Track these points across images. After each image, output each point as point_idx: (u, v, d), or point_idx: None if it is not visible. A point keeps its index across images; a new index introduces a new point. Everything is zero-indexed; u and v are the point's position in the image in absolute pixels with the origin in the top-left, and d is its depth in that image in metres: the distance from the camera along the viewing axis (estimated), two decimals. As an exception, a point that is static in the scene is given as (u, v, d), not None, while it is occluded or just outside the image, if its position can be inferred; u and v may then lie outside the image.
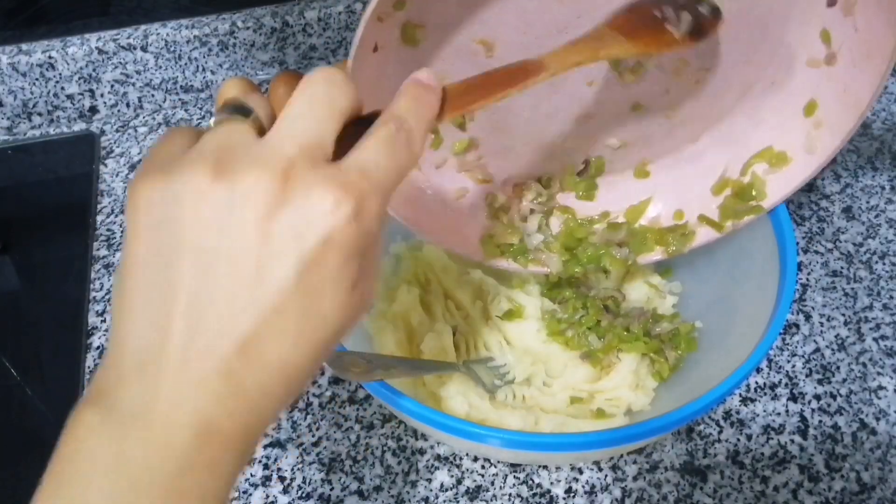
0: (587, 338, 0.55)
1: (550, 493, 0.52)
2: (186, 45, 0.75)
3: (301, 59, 0.79)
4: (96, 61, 0.74)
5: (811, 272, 0.64)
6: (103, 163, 0.75)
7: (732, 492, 0.52)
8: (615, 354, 0.54)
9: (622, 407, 0.53)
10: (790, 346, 0.60)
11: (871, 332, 0.60)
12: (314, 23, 0.76)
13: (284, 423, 0.55)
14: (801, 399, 0.57)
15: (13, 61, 0.73)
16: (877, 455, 0.54)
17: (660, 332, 0.55)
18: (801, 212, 0.69)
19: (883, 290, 0.63)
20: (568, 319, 0.55)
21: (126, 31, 0.75)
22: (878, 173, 0.72)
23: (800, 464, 0.53)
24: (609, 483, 0.52)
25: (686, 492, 0.52)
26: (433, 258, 0.60)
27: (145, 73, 0.77)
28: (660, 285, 0.59)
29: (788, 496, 0.52)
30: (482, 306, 0.58)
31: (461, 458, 0.53)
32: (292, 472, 0.53)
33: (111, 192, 0.72)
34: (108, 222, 0.70)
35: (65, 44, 0.74)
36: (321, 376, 0.58)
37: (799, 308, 0.62)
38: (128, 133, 0.78)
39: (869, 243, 0.66)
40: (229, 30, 0.75)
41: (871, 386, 0.57)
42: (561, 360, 0.55)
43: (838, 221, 0.68)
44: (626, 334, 0.54)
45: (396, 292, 0.58)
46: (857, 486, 0.52)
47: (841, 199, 0.70)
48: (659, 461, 0.53)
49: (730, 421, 0.55)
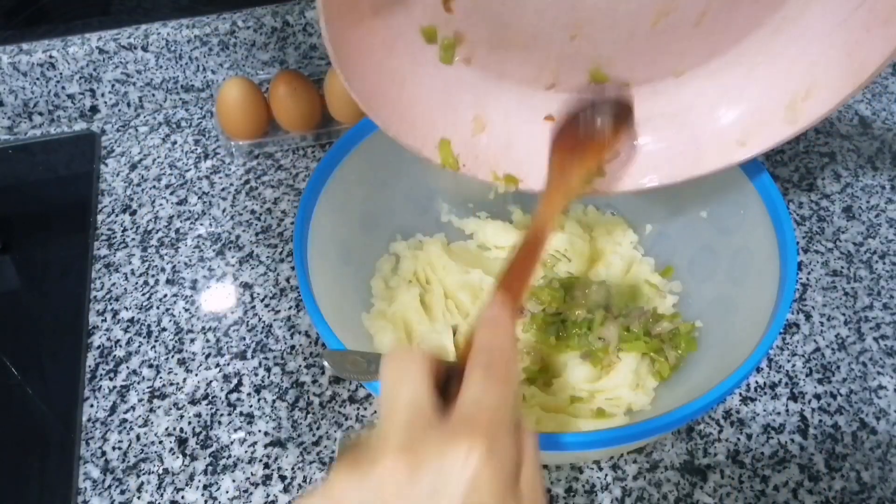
0: (587, 337, 0.55)
1: (551, 493, 0.52)
2: (187, 45, 0.75)
3: (301, 59, 0.79)
4: (97, 61, 0.74)
5: (811, 272, 0.64)
6: (104, 162, 0.75)
7: (733, 491, 0.52)
8: (615, 354, 0.54)
9: (622, 406, 0.53)
10: (790, 345, 0.60)
11: (872, 331, 0.60)
12: (315, 22, 0.76)
13: (285, 423, 0.55)
14: (802, 398, 0.57)
15: (14, 61, 0.73)
16: (877, 454, 0.54)
17: (660, 332, 0.55)
18: (801, 211, 0.69)
19: (883, 289, 0.63)
20: (567, 319, 0.55)
21: (127, 30, 0.75)
22: (879, 173, 0.72)
23: (800, 463, 0.53)
24: (609, 482, 0.52)
25: (686, 491, 0.52)
26: (434, 257, 0.60)
27: (146, 72, 0.77)
28: (660, 285, 0.59)
29: (788, 496, 0.52)
30: (482, 306, 0.57)
31: (461, 458, 0.53)
32: (293, 472, 0.53)
33: (112, 192, 0.72)
34: (108, 222, 0.70)
35: (65, 43, 0.74)
36: (321, 375, 0.58)
37: (799, 307, 0.62)
38: (128, 133, 0.78)
39: (869, 243, 0.66)
40: (230, 29, 0.75)
41: (872, 385, 0.57)
42: (561, 360, 0.55)
43: (838, 221, 0.68)
44: (627, 334, 0.54)
45: (396, 292, 0.58)
46: (857, 486, 0.52)
47: (841, 198, 0.70)
48: (659, 460, 0.53)
49: (730, 420, 0.55)
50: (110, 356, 0.60)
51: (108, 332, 0.62)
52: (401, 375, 0.28)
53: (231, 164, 0.74)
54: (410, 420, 0.27)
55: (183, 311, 0.63)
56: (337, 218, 0.53)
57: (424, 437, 0.26)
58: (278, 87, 0.71)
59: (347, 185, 0.54)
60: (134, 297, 0.64)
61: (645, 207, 0.62)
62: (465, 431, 0.26)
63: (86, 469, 0.54)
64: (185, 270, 0.66)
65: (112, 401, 0.57)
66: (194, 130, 0.78)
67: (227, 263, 0.66)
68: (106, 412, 0.57)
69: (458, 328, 0.57)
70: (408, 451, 0.25)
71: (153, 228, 0.69)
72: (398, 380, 0.28)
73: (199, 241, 0.68)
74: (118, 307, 0.63)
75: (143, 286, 0.65)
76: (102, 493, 0.53)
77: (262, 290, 0.64)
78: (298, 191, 0.71)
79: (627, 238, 0.62)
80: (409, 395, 0.28)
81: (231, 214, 0.70)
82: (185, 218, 0.70)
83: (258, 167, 0.74)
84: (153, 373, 0.59)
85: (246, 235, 0.68)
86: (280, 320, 0.62)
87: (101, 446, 0.55)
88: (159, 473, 0.54)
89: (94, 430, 0.56)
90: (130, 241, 0.68)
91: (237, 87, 0.70)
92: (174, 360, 0.60)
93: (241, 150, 0.74)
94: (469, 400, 0.27)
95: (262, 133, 0.73)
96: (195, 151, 0.76)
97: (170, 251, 0.67)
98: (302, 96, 0.71)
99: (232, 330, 0.61)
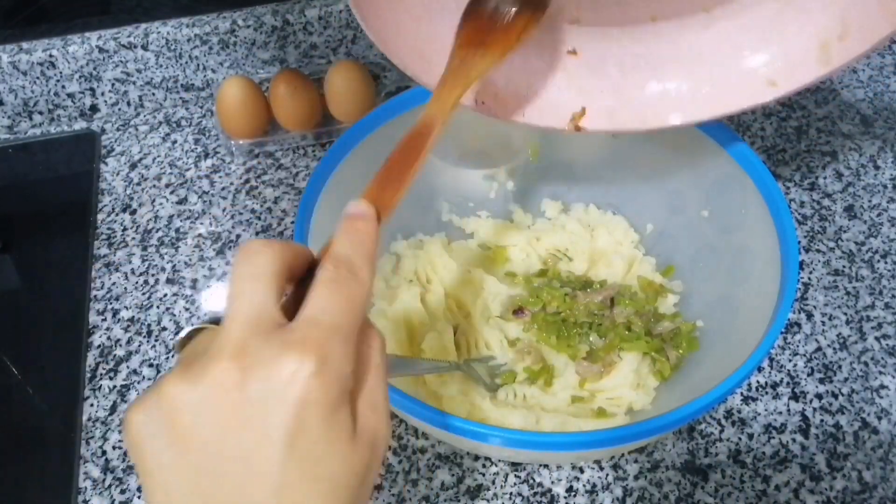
0: (588, 337, 0.55)
1: (551, 492, 0.52)
2: (187, 44, 0.75)
3: (302, 58, 0.79)
4: (97, 60, 0.74)
5: (813, 271, 0.64)
6: (104, 161, 0.75)
7: (734, 491, 0.52)
8: (616, 353, 0.54)
9: (623, 406, 0.53)
10: (792, 345, 0.60)
11: (873, 331, 0.60)
12: (315, 21, 0.76)
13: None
14: (803, 398, 0.56)
15: (14, 60, 0.73)
16: (878, 454, 0.54)
17: (661, 332, 0.55)
18: (802, 210, 0.69)
19: (885, 289, 0.63)
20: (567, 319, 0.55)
21: (127, 29, 0.74)
22: (881, 172, 0.72)
23: (801, 463, 0.53)
24: (610, 482, 0.52)
25: (687, 491, 0.52)
26: (434, 257, 0.60)
27: (146, 71, 0.77)
28: (661, 284, 0.59)
29: (790, 495, 0.52)
30: (483, 305, 0.57)
31: (462, 457, 0.53)
32: (293, 471, 0.53)
33: (112, 191, 0.72)
34: (108, 221, 0.70)
35: (65, 42, 0.74)
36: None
37: (801, 307, 0.62)
38: (128, 132, 0.78)
39: (871, 242, 0.66)
40: (230, 28, 0.75)
41: (873, 385, 0.57)
42: (562, 359, 0.55)
43: (840, 220, 0.68)
44: (628, 333, 0.54)
45: (397, 291, 0.58)
46: (858, 486, 0.52)
47: (843, 197, 0.70)
48: (660, 460, 0.53)
49: (731, 420, 0.55)
50: (110, 355, 0.60)
51: (108, 331, 0.62)
52: (249, 273, 0.27)
53: (231, 163, 0.74)
54: (250, 324, 0.26)
55: (183, 311, 0.63)
56: (337, 217, 0.53)
57: (261, 345, 0.25)
58: (278, 86, 0.71)
59: (348, 185, 0.54)
60: (134, 296, 0.64)
61: (646, 207, 0.62)
62: (298, 345, 0.25)
63: (86, 468, 0.54)
64: (186, 270, 0.66)
65: (112, 400, 0.57)
66: (194, 129, 0.78)
67: (227, 263, 0.66)
68: (106, 411, 0.57)
69: (458, 327, 0.57)
70: (241, 357, 0.25)
71: (153, 228, 0.69)
72: (245, 278, 0.27)
73: (200, 241, 0.68)
74: (118, 306, 0.63)
75: (143, 285, 0.65)
76: (103, 493, 0.53)
77: (262, 290, 0.64)
78: (299, 190, 0.71)
79: (629, 237, 0.62)
80: (253, 296, 0.26)
81: (231, 214, 0.70)
82: (185, 217, 0.70)
83: (258, 166, 0.73)
84: (153, 372, 0.59)
85: (246, 235, 0.68)
86: (280, 320, 0.61)
87: (102, 446, 0.55)
88: (159, 473, 0.53)
89: (94, 429, 0.56)
90: (130, 241, 0.68)
91: (237, 86, 0.70)
92: (175, 360, 0.60)
93: (242, 150, 0.74)
94: (309, 312, 0.27)
95: (262, 132, 0.73)
96: (195, 150, 0.76)
97: (170, 250, 0.67)
98: (302, 95, 0.71)
99: (232, 329, 0.61)
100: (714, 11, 0.47)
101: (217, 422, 0.25)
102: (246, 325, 0.26)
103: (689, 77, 0.49)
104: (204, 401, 0.25)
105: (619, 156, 0.60)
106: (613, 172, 0.62)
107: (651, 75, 0.49)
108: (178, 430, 0.25)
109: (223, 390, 0.25)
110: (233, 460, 0.25)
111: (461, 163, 0.62)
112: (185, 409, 0.25)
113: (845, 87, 0.80)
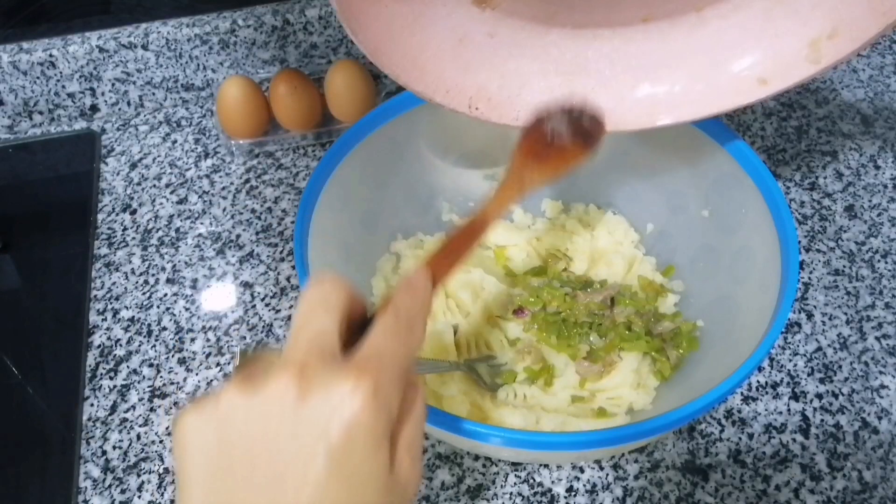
0: (588, 337, 0.55)
1: (552, 492, 0.52)
2: (187, 44, 0.75)
3: (302, 58, 0.79)
4: (97, 60, 0.74)
5: (813, 271, 0.64)
6: (104, 161, 0.75)
7: (734, 491, 0.52)
8: (616, 353, 0.54)
9: (623, 406, 0.53)
10: (792, 344, 0.59)
11: (874, 330, 0.60)
12: (315, 21, 0.76)
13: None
14: (803, 398, 0.56)
15: (14, 59, 0.73)
16: (879, 454, 0.54)
17: (661, 331, 0.55)
18: (803, 210, 0.69)
19: (885, 288, 0.63)
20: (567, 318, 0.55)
21: (127, 29, 0.74)
22: (881, 172, 0.72)
23: (801, 463, 0.53)
24: (610, 482, 0.52)
25: (687, 491, 0.52)
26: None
27: (146, 71, 0.77)
28: (661, 284, 0.59)
29: (790, 495, 0.52)
30: (483, 305, 0.57)
31: (462, 457, 0.53)
32: (293, 471, 0.53)
33: (112, 191, 0.72)
34: (108, 221, 0.70)
35: (65, 42, 0.74)
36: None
37: (801, 307, 0.62)
38: (129, 131, 0.78)
39: (871, 242, 0.66)
40: (230, 28, 0.75)
41: (874, 385, 0.57)
42: (562, 359, 0.55)
43: (840, 220, 0.68)
44: (628, 333, 0.54)
45: (397, 291, 0.58)
46: (858, 486, 0.52)
47: (843, 197, 0.70)
48: (660, 460, 0.53)
49: (731, 420, 0.55)
50: (111, 355, 0.60)
51: (108, 331, 0.62)
52: (319, 300, 0.29)
53: (231, 163, 0.74)
54: (313, 348, 0.27)
55: (183, 311, 0.63)
56: (338, 217, 0.53)
57: (320, 367, 0.26)
58: (278, 86, 0.71)
59: (348, 184, 0.54)
60: (134, 296, 0.64)
61: (646, 206, 0.62)
62: (355, 370, 0.26)
63: (86, 468, 0.54)
64: (186, 269, 0.66)
65: (112, 400, 0.57)
66: (194, 129, 0.78)
67: (227, 262, 0.66)
68: (106, 411, 0.57)
69: (458, 327, 0.57)
70: (301, 377, 0.26)
71: (153, 227, 0.69)
72: (314, 306, 0.29)
73: (200, 241, 0.68)
74: (118, 306, 0.63)
75: (143, 285, 0.65)
76: (103, 493, 0.53)
77: (262, 290, 0.64)
78: (299, 190, 0.71)
79: (629, 237, 0.62)
80: (319, 324, 0.28)
81: (231, 213, 0.70)
82: (185, 217, 0.70)
83: (258, 166, 0.73)
84: (153, 372, 0.59)
85: (246, 234, 0.68)
86: (281, 320, 0.62)
87: (102, 445, 0.55)
88: (160, 473, 0.53)
89: (94, 429, 0.56)
90: (131, 240, 0.68)
91: (237, 86, 0.70)
92: (174, 360, 0.60)
93: (242, 149, 0.74)
94: (368, 346, 0.28)
95: (262, 132, 0.73)
96: (195, 150, 0.76)
97: (170, 250, 0.67)
98: (302, 95, 0.71)
99: (232, 329, 0.61)
100: (705, 12, 0.47)
101: (267, 432, 0.25)
102: (310, 347, 0.27)
103: (680, 77, 0.49)
104: (259, 411, 0.26)
105: (619, 156, 0.60)
106: (613, 172, 0.62)
107: (643, 76, 0.49)
108: (228, 437, 0.26)
109: (279, 403, 0.26)
110: (275, 472, 0.25)
111: (461, 163, 0.63)
112: (239, 418, 0.26)
113: (846, 87, 0.80)
